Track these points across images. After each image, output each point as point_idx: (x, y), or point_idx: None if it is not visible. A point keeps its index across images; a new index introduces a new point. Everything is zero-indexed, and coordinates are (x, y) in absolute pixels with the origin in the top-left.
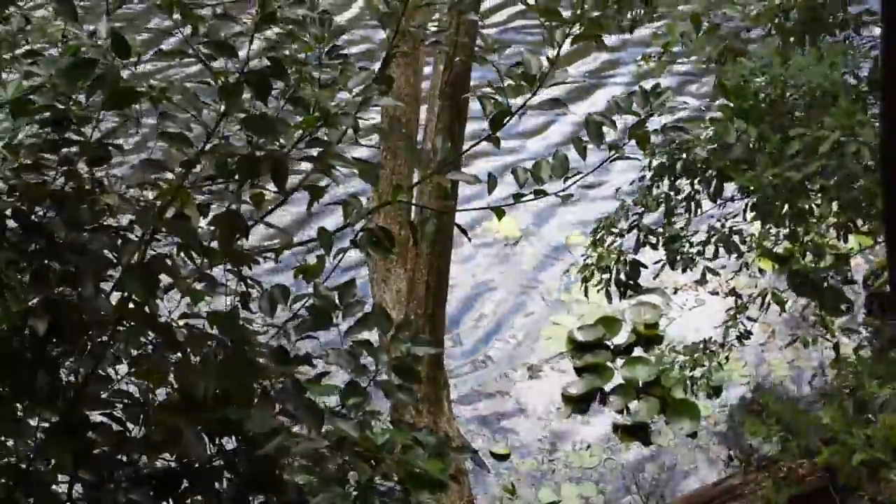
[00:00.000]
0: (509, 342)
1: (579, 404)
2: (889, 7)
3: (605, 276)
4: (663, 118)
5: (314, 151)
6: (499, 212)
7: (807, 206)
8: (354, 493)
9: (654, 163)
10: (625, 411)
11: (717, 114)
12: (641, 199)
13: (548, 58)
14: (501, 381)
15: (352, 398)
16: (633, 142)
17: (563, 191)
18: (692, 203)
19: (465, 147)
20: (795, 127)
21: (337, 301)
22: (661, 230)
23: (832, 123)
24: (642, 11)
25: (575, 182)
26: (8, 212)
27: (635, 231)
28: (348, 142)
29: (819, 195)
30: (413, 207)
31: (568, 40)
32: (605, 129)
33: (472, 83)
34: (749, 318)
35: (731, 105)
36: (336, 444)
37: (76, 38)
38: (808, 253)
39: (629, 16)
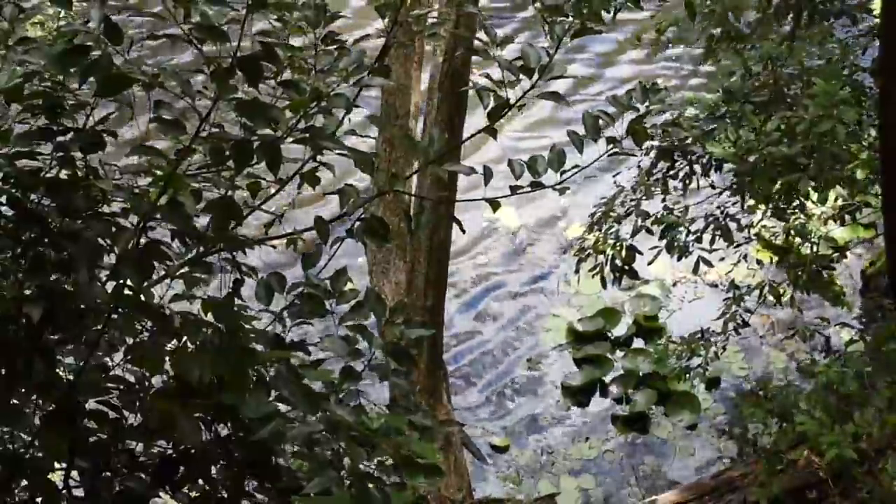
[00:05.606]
0: (509, 334)
1: (579, 396)
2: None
3: (601, 258)
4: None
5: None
6: (494, 204)
7: (795, 184)
8: (349, 478)
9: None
10: (624, 400)
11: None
12: (641, 181)
13: (547, 51)
14: (501, 372)
15: (347, 383)
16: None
17: (560, 183)
18: (688, 181)
19: (463, 141)
20: (784, 107)
21: (329, 288)
22: (658, 214)
23: (809, 103)
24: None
25: (572, 175)
26: (2, 199)
27: (632, 217)
28: (344, 132)
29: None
30: (413, 200)
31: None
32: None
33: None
34: (747, 310)
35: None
36: (331, 429)
37: (69, 25)
38: (803, 243)
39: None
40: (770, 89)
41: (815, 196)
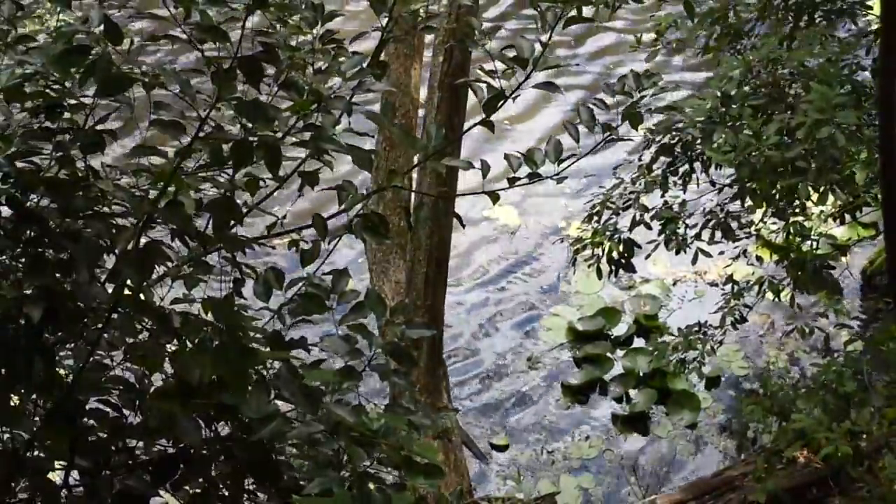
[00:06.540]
0: (508, 333)
1: (579, 395)
2: None
3: (598, 251)
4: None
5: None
6: (493, 196)
7: (795, 186)
8: (349, 478)
9: (655, 140)
10: (624, 399)
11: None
12: (641, 176)
13: (540, 41)
14: (500, 371)
15: (346, 382)
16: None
17: (558, 174)
18: (688, 178)
19: (462, 134)
20: (783, 108)
21: (330, 287)
22: (658, 207)
23: (808, 107)
24: None
25: (570, 165)
26: (2, 199)
27: (631, 210)
28: (344, 130)
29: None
30: (412, 198)
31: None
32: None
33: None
34: (745, 306)
35: (718, 89)
36: (331, 429)
37: (69, 24)
38: (803, 241)
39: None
40: (769, 90)
41: (815, 195)
